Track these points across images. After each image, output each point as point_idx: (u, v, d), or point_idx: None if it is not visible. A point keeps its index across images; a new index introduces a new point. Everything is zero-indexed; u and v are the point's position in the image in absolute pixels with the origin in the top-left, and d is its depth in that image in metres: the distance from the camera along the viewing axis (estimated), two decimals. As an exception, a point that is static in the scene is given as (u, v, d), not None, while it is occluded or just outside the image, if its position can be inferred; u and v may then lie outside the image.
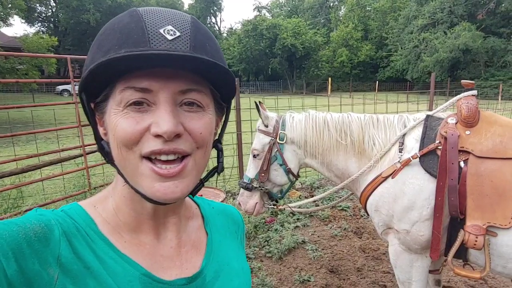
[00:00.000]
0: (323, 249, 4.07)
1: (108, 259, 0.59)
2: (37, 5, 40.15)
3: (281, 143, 2.32)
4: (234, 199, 5.36)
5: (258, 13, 59.12)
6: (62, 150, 4.72)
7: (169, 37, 0.55)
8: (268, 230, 4.49)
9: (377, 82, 34.44)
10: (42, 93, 29.32)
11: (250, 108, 5.90)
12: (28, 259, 0.51)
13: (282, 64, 42.43)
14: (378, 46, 44.69)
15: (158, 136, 0.55)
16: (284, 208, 2.61)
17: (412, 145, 2.04)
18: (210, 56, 0.58)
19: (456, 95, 2.19)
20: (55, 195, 5.36)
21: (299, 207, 2.69)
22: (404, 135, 2.09)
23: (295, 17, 47.47)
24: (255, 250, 4.04)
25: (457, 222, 1.85)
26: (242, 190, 2.48)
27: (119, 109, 0.56)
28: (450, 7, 34.33)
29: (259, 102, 2.50)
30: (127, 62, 0.52)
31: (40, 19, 43.52)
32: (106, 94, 0.58)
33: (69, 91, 30.91)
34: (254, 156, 2.41)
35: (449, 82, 25.27)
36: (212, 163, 0.79)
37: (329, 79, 35.90)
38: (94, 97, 0.60)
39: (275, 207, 2.53)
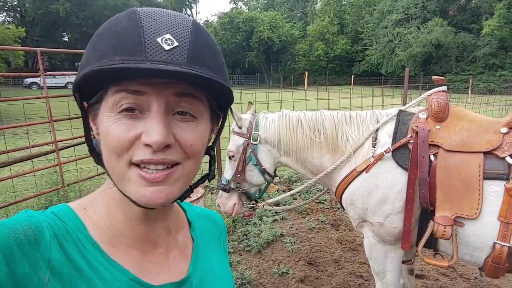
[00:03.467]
0: (301, 242, 4.13)
1: (97, 264, 0.58)
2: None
3: (254, 144, 2.35)
4: (212, 193, 5.34)
5: (234, 6, 58.60)
6: (33, 146, 4.55)
7: (166, 47, 0.54)
8: (247, 224, 4.53)
9: (353, 76, 34.95)
10: (9, 86, 28.07)
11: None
12: (19, 262, 0.50)
13: (259, 58, 42.34)
14: (354, 41, 45.25)
15: (147, 145, 0.55)
16: (263, 206, 2.64)
17: (385, 140, 2.09)
18: (208, 67, 0.57)
19: (429, 89, 2.25)
20: (26, 193, 5.18)
21: (278, 204, 2.75)
22: (377, 130, 2.14)
23: (272, 10, 47.36)
24: (234, 244, 4.08)
25: (427, 214, 1.92)
26: (220, 191, 2.52)
27: (112, 115, 0.56)
28: (423, 2, 35.12)
29: (249, 102, 2.58)
30: (121, 71, 0.51)
31: (5, 8, 41.51)
32: (100, 96, 0.58)
33: (38, 84, 29.82)
34: (230, 158, 2.44)
35: (422, 76, 25.95)
36: (202, 168, 0.78)
37: (306, 73, 36.12)
38: (87, 98, 0.60)
39: (254, 206, 2.57)
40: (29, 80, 29.86)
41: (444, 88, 2.11)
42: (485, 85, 27.42)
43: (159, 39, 0.54)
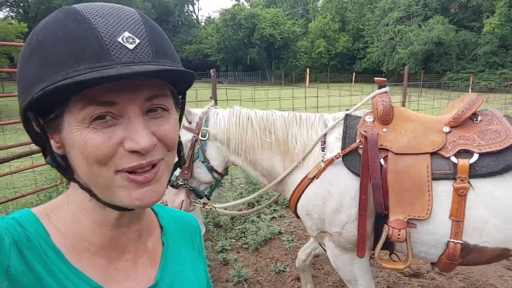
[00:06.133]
0: (298, 240, 4.14)
1: (59, 273, 0.56)
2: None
3: (203, 140, 2.26)
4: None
5: (236, 2, 58.46)
6: (33, 142, 4.56)
7: (130, 46, 0.51)
8: (245, 221, 4.52)
9: (354, 73, 34.89)
10: (12, 81, 28.12)
11: (227, 100, 5.88)
12: None
13: (261, 54, 42.25)
14: (355, 38, 45.16)
15: (133, 152, 0.53)
16: (210, 209, 2.54)
17: (334, 144, 2.06)
18: (170, 58, 0.57)
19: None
20: (25, 189, 5.21)
21: (226, 209, 2.67)
22: (325, 134, 2.10)
23: (274, 7, 47.20)
24: (231, 242, 4.07)
25: (381, 218, 1.93)
26: (169, 187, 2.42)
27: (84, 125, 0.52)
28: (424, 0, 35.01)
29: (210, 97, 2.49)
30: (93, 82, 0.48)
31: (8, 4, 41.52)
32: (60, 110, 0.53)
33: None
34: None
35: (422, 74, 25.89)
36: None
37: (307, 70, 36.07)
38: (42, 114, 0.55)
39: (202, 205, 2.48)
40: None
41: (387, 89, 2.10)
42: (486, 83, 27.42)
43: (119, 39, 0.51)
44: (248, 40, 41.75)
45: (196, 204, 2.45)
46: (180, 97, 0.68)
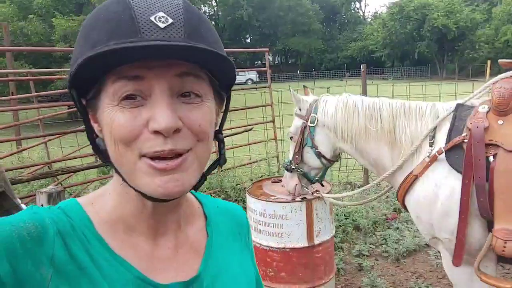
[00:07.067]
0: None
1: (102, 260, 0.57)
2: (202, 5, 47.26)
3: (312, 126, 2.34)
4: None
5: (407, -7, 55.49)
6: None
7: (161, 25, 0.51)
8: (389, 228, 4.26)
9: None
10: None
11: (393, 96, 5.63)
12: (21, 259, 0.50)
13: (431, 47, 39.43)
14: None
15: (156, 132, 0.52)
16: (319, 197, 2.61)
17: (443, 138, 1.92)
18: (206, 43, 0.54)
19: None
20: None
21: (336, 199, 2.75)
22: (435, 127, 1.98)
23: (450, -6, 43.17)
24: (370, 248, 3.87)
25: (492, 225, 1.73)
26: (285, 171, 2.57)
27: (114, 103, 0.53)
28: None
29: (304, 86, 2.71)
30: (117, 55, 0.49)
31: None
32: (97, 89, 0.55)
33: (252, 79, 33.43)
34: (291, 139, 2.50)
35: None
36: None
37: (489, 61, 32.00)
38: (84, 93, 0.57)
39: (312, 192, 2.59)
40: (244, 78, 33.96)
41: None
42: None
43: (152, 18, 0.51)
44: (417, 33, 39.62)
45: (306, 189, 2.56)
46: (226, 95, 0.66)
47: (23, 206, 2.45)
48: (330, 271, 2.84)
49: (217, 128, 0.67)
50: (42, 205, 2.12)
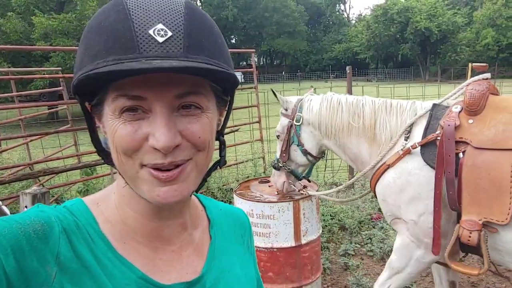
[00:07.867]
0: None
1: (106, 260, 0.57)
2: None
3: (297, 125, 2.44)
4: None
5: (390, -4, 56.40)
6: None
7: (160, 39, 0.50)
8: (374, 227, 4.34)
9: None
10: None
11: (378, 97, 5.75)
12: (27, 256, 0.50)
13: (414, 50, 40.23)
14: (535, 25, 38.35)
15: (156, 149, 0.53)
16: (308, 194, 2.69)
17: (419, 134, 2.04)
18: (207, 53, 0.54)
19: None
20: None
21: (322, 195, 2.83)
22: (412, 124, 2.09)
23: (432, -2, 44.09)
24: (356, 247, 3.96)
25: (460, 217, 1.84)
26: (273, 170, 2.66)
27: (115, 115, 0.54)
28: None
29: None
30: (115, 74, 0.49)
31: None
32: (100, 98, 0.56)
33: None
34: (278, 138, 2.59)
35: None
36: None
37: (469, 64, 32.71)
38: (88, 98, 0.57)
39: (299, 189, 2.70)
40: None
41: (486, 75, 1.98)
42: None
43: (151, 31, 0.50)
44: (400, 35, 40.38)
45: (293, 186, 2.65)
46: (228, 97, 0.66)
47: (4, 208, 2.39)
48: (317, 271, 2.86)
49: (219, 129, 0.67)
50: (26, 207, 2.07)
